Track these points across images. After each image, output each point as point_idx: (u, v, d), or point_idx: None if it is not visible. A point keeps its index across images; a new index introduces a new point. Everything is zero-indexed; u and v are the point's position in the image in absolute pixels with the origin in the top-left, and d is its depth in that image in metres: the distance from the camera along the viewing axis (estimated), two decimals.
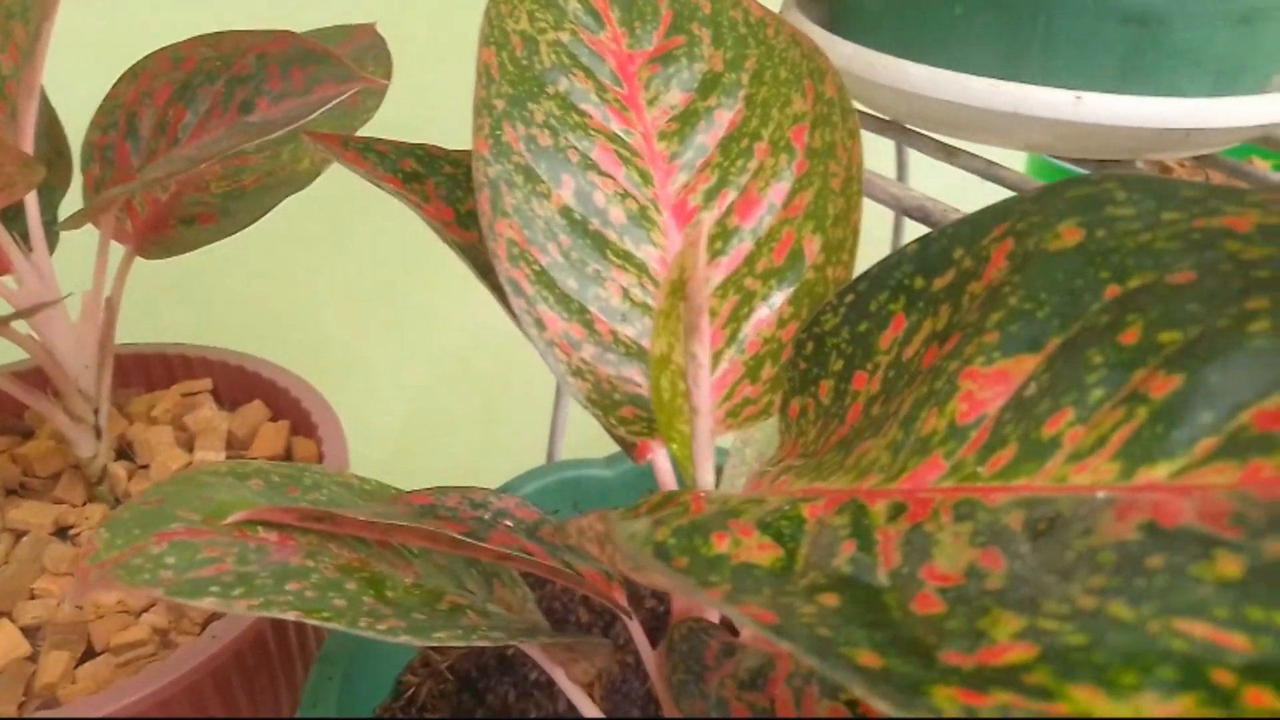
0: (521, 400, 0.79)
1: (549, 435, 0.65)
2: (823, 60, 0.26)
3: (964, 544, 0.13)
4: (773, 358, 0.23)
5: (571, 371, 0.23)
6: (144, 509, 0.21)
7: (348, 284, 0.68)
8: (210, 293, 0.63)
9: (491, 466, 0.80)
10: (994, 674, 0.10)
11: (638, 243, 0.25)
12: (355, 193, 0.59)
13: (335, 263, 0.67)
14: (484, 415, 0.79)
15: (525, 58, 0.25)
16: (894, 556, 0.13)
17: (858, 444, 0.18)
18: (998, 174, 0.36)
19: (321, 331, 0.68)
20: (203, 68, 0.32)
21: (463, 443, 0.79)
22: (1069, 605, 0.10)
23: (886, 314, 0.19)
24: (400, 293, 0.71)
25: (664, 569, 0.13)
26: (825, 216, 0.24)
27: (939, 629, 0.11)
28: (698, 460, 0.23)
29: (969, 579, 0.12)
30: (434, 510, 0.27)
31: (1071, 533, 0.12)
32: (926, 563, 0.13)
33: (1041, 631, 0.10)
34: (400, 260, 0.69)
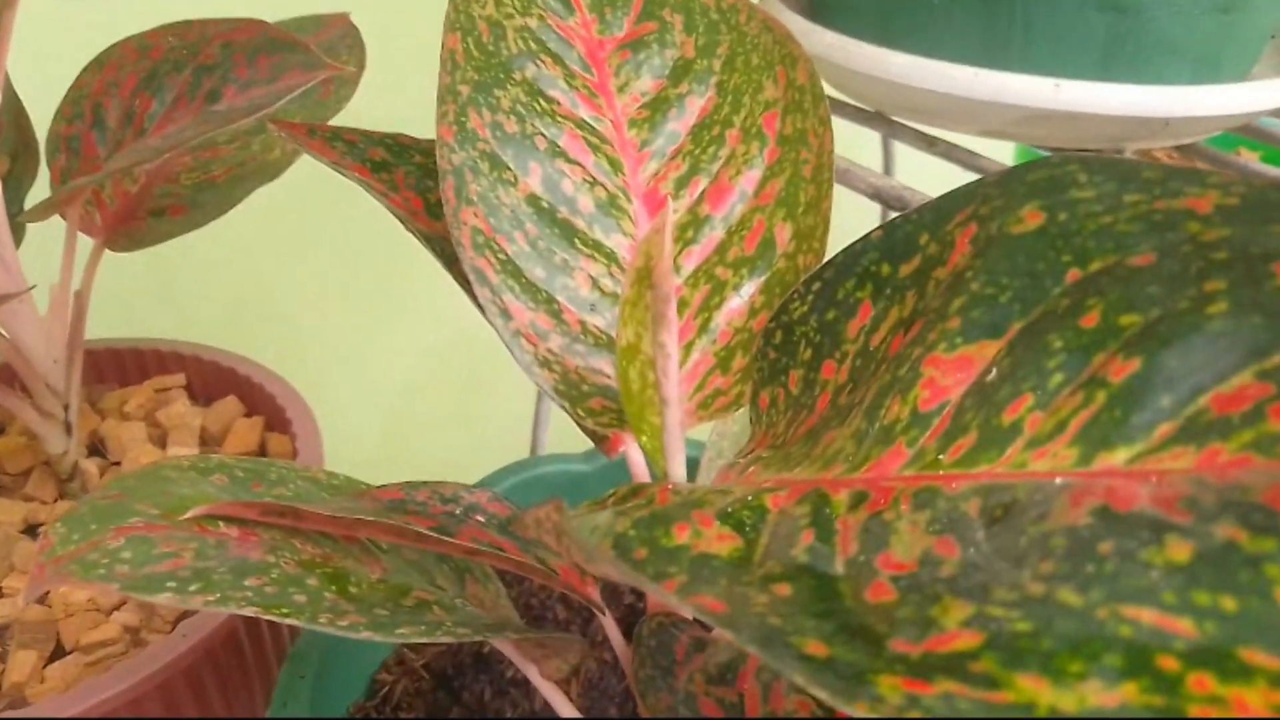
0: (502, 395, 0.79)
1: (531, 430, 0.64)
2: (795, 47, 0.25)
3: (920, 532, 0.13)
4: (744, 348, 0.23)
5: (539, 362, 0.22)
6: (102, 504, 0.21)
7: (325, 278, 0.68)
8: (184, 287, 0.62)
9: (473, 462, 0.80)
10: (940, 662, 0.09)
11: (607, 231, 0.24)
12: (333, 186, 0.58)
13: (313, 257, 0.66)
14: (464, 411, 0.79)
15: (491, 43, 0.25)
16: (851, 545, 0.13)
17: (824, 434, 0.18)
18: (980, 164, 0.36)
19: (299, 327, 0.68)
20: (169, 57, 0.32)
21: (443, 438, 0.78)
22: (1018, 592, 0.10)
23: (854, 302, 0.18)
24: (379, 287, 0.70)
25: (615, 561, 0.13)
26: (796, 204, 0.23)
27: (890, 617, 0.10)
28: (668, 452, 0.22)
29: (923, 567, 0.12)
30: (403, 505, 0.27)
31: (1026, 519, 0.11)
32: (883, 551, 0.12)
33: (989, 618, 0.10)
34: (379, 254, 0.69)
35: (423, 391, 0.76)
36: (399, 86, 0.50)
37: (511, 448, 0.78)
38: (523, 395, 0.78)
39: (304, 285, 0.67)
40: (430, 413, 0.77)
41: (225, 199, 0.36)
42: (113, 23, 0.45)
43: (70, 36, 0.47)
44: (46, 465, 0.41)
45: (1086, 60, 0.35)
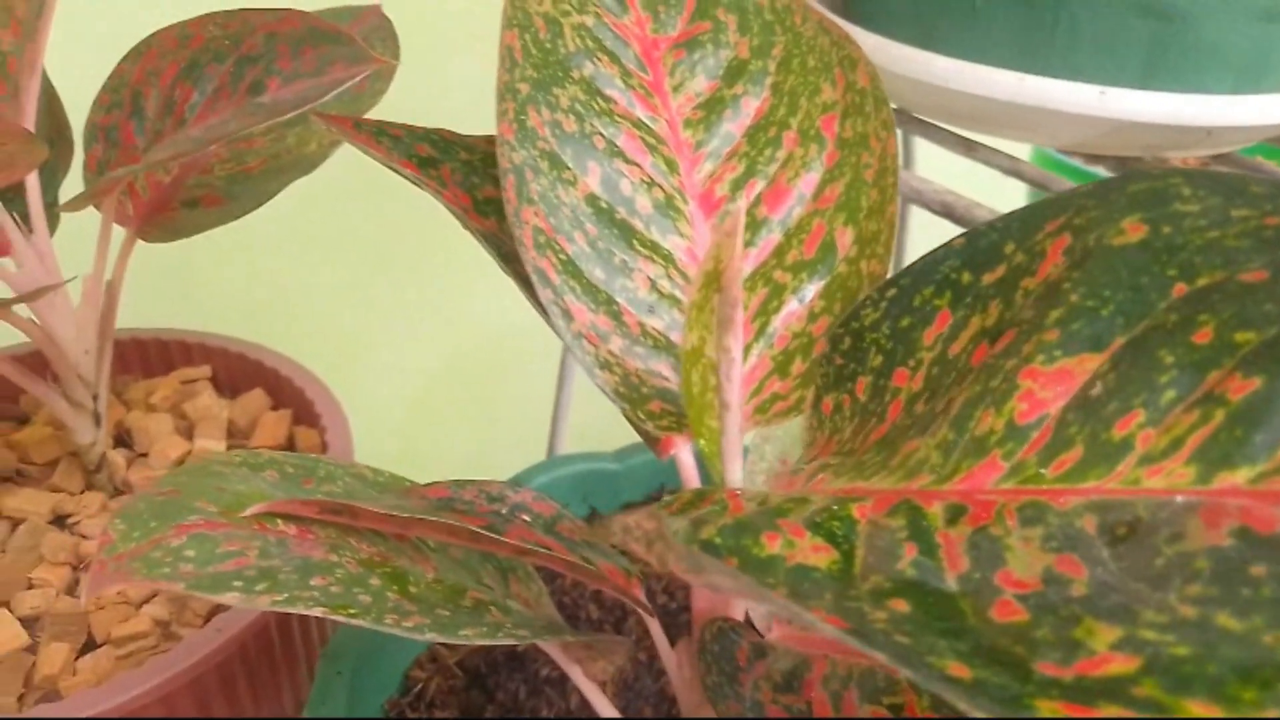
0: (522, 392, 0.78)
1: (550, 427, 0.64)
2: (854, 49, 0.25)
3: (1036, 549, 0.12)
4: (803, 353, 0.23)
5: (599, 364, 0.22)
6: (159, 500, 0.21)
7: (350, 273, 0.67)
8: (209, 279, 0.62)
9: (492, 457, 0.80)
10: (1097, 686, 0.09)
11: (664, 232, 0.24)
12: (359, 179, 0.58)
13: (337, 251, 0.66)
14: (485, 406, 0.79)
15: (549, 41, 0.25)
16: (961, 561, 0.13)
17: (902, 443, 0.17)
18: (1019, 169, 0.36)
19: (322, 320, 0.67)
20: (210, 46, 0.31)
21: (463, 434, 0.78)
22: (1169, 615, 0.10)
23: (931, 309, 0.18)
24: (402, 282, 0.70)
25: (729, 572, 0.13)
26: (858, 209, 0.23)
27: (1026, 638, 0.10)
28: (726, 457, 0.22)
29: (1049, 585, 0.11)
30: (451, 503, 0.26)
31: (1158, 538, 0.11)
32: (1000, 568, 0.12)
33: (1142, 642, 0.09)
34: (403, 249, 0.69)
35: (442, 386, 0.76)
36: (423, 74, 0.50)
37: (530, 443, 0.78)
38: (541, 391, 0.78)
39: (324, 278, 0.67)
40: (449, 407, 0.77)
41: (260, 191, 0.35)
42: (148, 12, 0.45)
43: (104, 25, 0.47)
44: (73, 456, 0.41)
45: (1129, 67, 0.35)
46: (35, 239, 0.34)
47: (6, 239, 0.34)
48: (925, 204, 0.33)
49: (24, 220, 0.34)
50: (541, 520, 0.28)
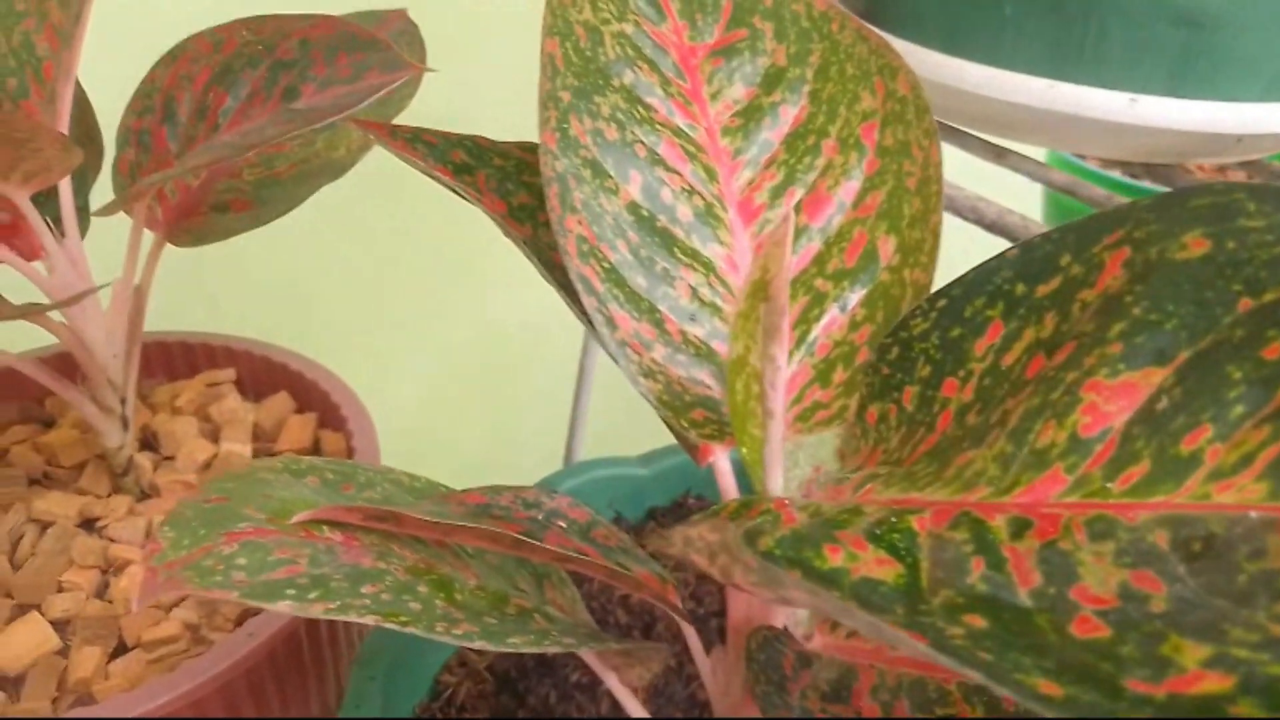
0: (535, 391, 0.79)
1: (568, 430, 0.64)
2: (893, 57, 0.25)
3: (1109, 564, 0.12)
4: (845, 361, 0.23)
5: (643, 372, 0.22)
6: (207, 507, 0.21)
7: (362, 270, 0.67)
8: (221, 279, 0.62)
9: (505, 459, 0.80)
10: (1192, 704, 0.09)
11: (704, 240, 0.24)
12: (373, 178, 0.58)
13: (349, 247, 0.66)
14: (498, 407, 0.79)
15: (589, 49, 0.25)
16: (1032, 575, 0.13)
17: (955, 454, 0.17)
18: (1048, 176, 0.36)
19: (334, 321, 0.67)
20: (243, 51, 0.31)
21: (475, 432, 0.78)
22: (1260, 633, 0.10)
23: (983, 320, 0.18)
24: (415, 281, 0.70)
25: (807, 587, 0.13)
26: (900, 217, 0.23)
27: (1112, 655, 0.10)
28: (768, 465, 0.22)
29: (1127, 601, 0.11)
30: (488, 509, 0.27)
31: (1238, 555, 0.11)
32: (1075, 583, 0.12)
33: (1236, 661, 0.09)
34: (417, 248, 0.69)
35: (454, 385, 0.76)
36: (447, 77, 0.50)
37: (544, 444, 0.78)
38: (553, 390, 0.78)
39: (336, 275, 0.67)
40: (461, 406, 0.77)
41: (290, 196, 0.35)
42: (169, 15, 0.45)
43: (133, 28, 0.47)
44: (100, 459, 0.41)
45: (1158, 75, 0.35)
46: (67, 243, 0.34)
47: (39, 242, 0.34)
48: (956, 210, 0.33)
49: (56, 223, 0.35)
50: (577, 526, 0.28)
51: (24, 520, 0.38)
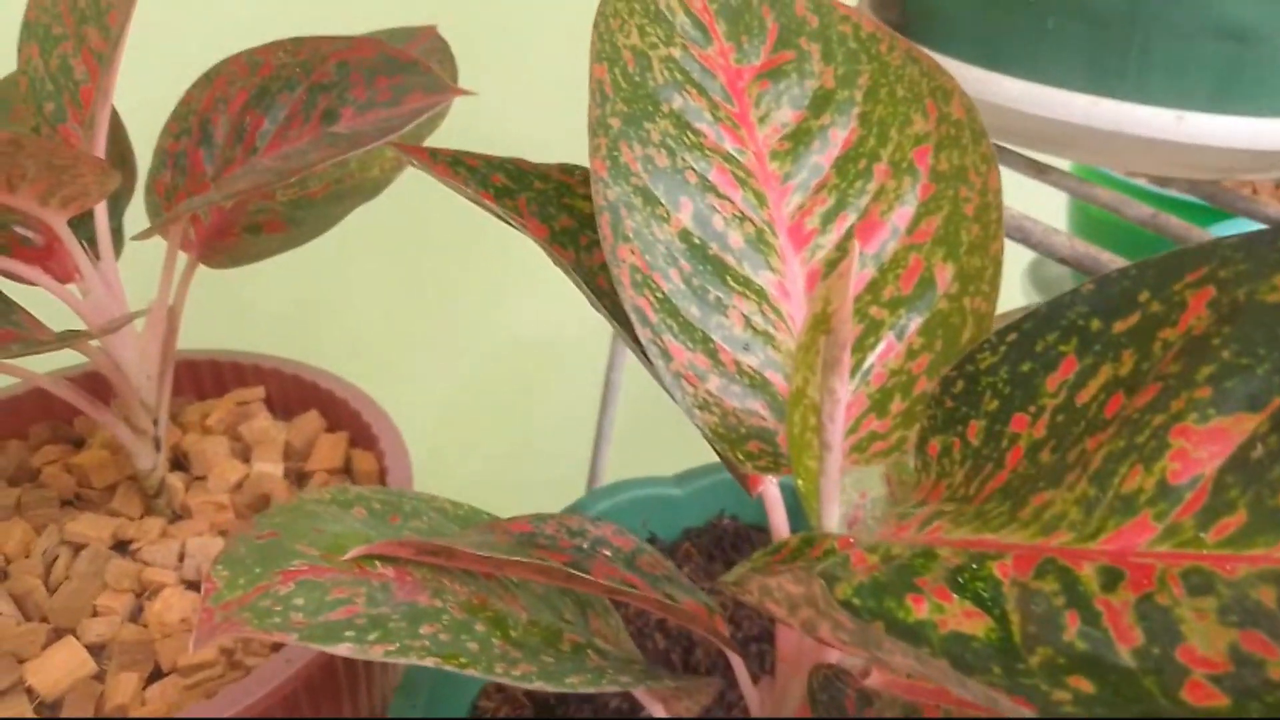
0: (559, 406, 0.78)
1: (593, 445, 0.64)
2: (946, 79, 0.25)
3: (1213, 622, 0.12)
4: (902, 391, 0.23)
5: (698, 404, 0.22)
6: (259, 543, 0.20)
7: (382, 286, 0.67)
8: (241, 294, 0.62)
9: (529, 472, 0.80)
10: None
11: (756, 268, 0.24)
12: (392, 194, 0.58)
13: (370, 264, 0.66)
14: (521, 421, 0.79)
15: (638, 74, 0.25)
16: (1133, 633, 0.12)
17: (1031, 494, 0.17)
18: (1091, 193, 0.35)
19: (355, 332, 0.67)
20: (281, 73, 0.31)
21: (499, 448, 0.78)
22: None
23: (1055, 355, 0.18)
24: (434, 291, 0.70)
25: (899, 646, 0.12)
26: (958, 244, 0.23)
27: None
28: (824, 498, 0.22)
29: (1240, 667, 0.11)
30: (534, 538, 0.26)
31: None
32: (1180, 643, 0.12)
33: None
34: (436, 259, 0.68)
35: (472, 395, 0.76)
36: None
37: (564, 457, 0.78)
38: (571, 401, 0.78)
39: (357, 284, 0.67)
40: (479, 416, 0.77)
41: (324, 216, 0.35)
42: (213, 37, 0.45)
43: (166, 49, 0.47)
44: (132, 480, 0.41)
45: (1201, 90, 0.35)
46: (102, 265, 0.34)
47: (74, 265, 0.34)
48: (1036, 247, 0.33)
49: (90, 245, 0.35)
50: (622, 555, 0.27)
51: (57, 542, 0.38)
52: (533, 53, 0.63)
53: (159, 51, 0.48)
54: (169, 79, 0.41)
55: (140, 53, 0.46)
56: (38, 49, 0.32)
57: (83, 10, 0.32)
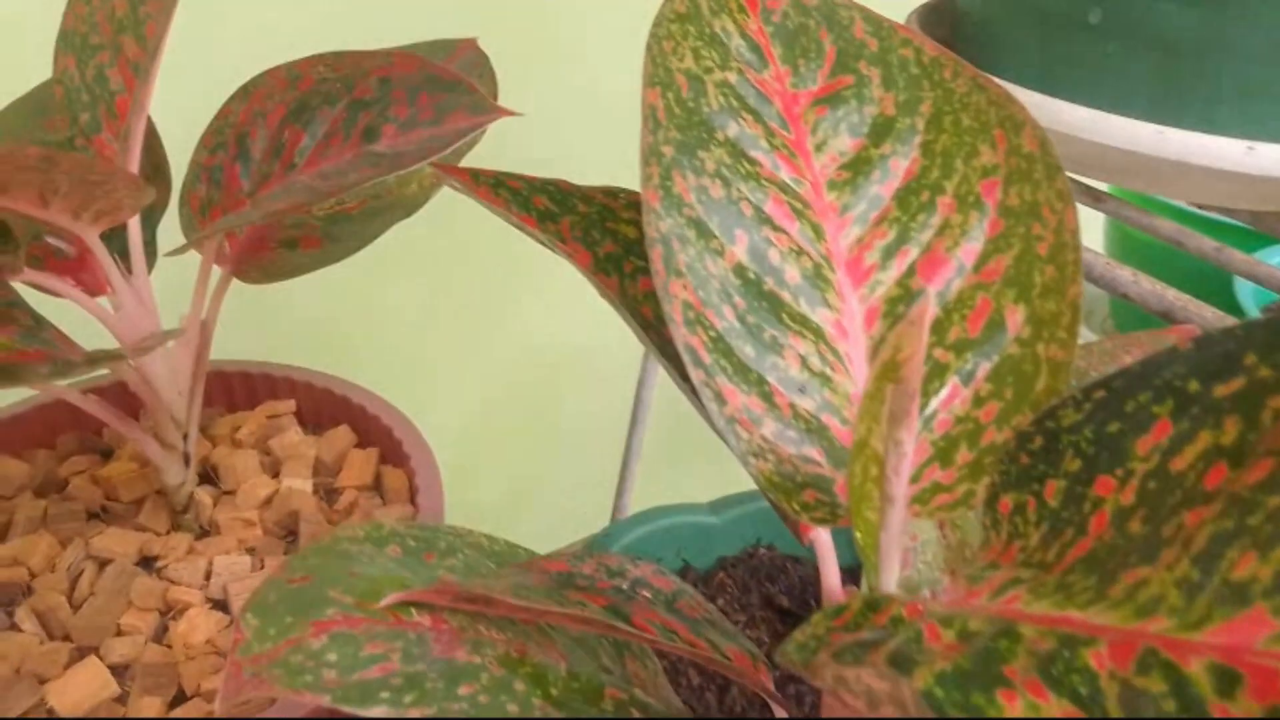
0: (580, 412, 0.77)
1: (621, 463, 0.63)
2: (1016, 109, 0.24)
3: None
4: (968, 440, 0.21)
5: (753, 452, 0.21)
6: (291, 588, 0.19)
7: (409, 288, 0.67)
8: (266, 300, 0.62)
9: (555, 480, 0.79)
10: None
11: (813, 304, 0.23)
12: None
13: (396, 272, 0.65)
14: (547, 429, 0.78)
15: (692, 99, 0.24)
16: None
17: (1121, 569, 0.16)
18: (1152, 224, 0.34)
19: (381, 340, 0.67)
20: (321, 88, 0.30)
21: (525, 457, 0.77)
22: None
23: (1147, 417, 0.17)
24: (462, 301, 0.69)
25: None
26: (1030, 285, 0.22)
27: None
28: (884, 554, 0.21)
29: None
30: (572, 579, 0.25)
31: None
32: None
33: None
34: (464, 268, 0.68)
35: (499, 404, 0.75)
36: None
37: (589, 466, 0.77)
38: (598, 412, 0.77)
39: (383, 292, 0.66)
40: (506, 425, 0.76)
41: (361, 232, 0.34)
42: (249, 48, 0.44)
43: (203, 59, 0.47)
44: (160, 494, 0.40)
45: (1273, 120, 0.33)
46: (134, 279, 0.34)
47: (105, 278, 0.33)
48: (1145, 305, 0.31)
49: (123, 258, 0.34)
50: (663, 597, 0.26)
51: (82, 557, 0.38)
52: (571, 66, 0.63)
53: (196, 61, 0.47)
54: (205, 88, 0.41)
55: (177, 61, 0.45)
56: (74, 59, 0.32)
57: (120, 20, 0.31)
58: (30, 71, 0.39)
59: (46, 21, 0.37)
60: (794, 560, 0.39)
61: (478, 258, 0.68)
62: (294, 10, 0.51)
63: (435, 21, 0.55)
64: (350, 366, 0.48)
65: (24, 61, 0.41)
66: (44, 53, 0.35)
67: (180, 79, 0.44)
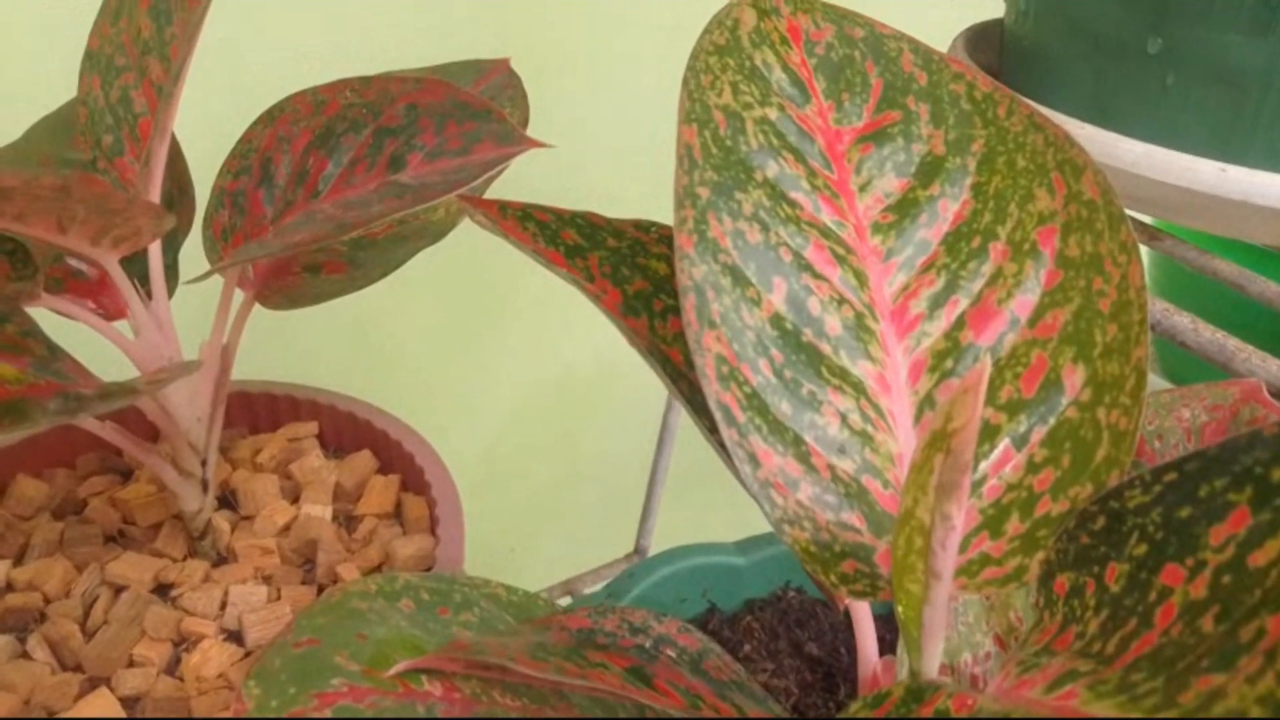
0: (600, 433, 0.76)
1: (646, 489, 0.62)
2: (1077, 152, 0.22)
3: None
4: (1021, 510, 0.20)
5: (788, 518, 0.19)
6: (296, 653, 0.18)
7: (432, 311, 0.66)
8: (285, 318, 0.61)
9: (579, 498, 0.78)
10: None
11: (854, 357, 0.21)
12: None
13: (420, 288, 0.64)
14: (571, 447, 0.77)
15: (730, 138, 0.22)
16: None
17: (1192, 673, 0.14)
18: (1211, 266, 0.32)
19: (403, 357, 0.66)
20: (347, 114, 0.30)
21: (548, 474, 0.76)
22: None
23: (1223, 504, 0.15)
24: (486, 322, 0.68)
25: None
26: (1091, 344, 0.20)
27: None
28: (927, 631, 0.19)
29: None
30: (593, 637, 0.24)
31: None
32: None
33: None
34: (488, 288, 0.67)
35: (519, 426, 0.74)
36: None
37: (611, 486, 0.75)
38: (618, 433, 0.76)
39: (411, 316, 0.65)
40: (525, 447, 0.75)
41: (386, 259, 0.34)
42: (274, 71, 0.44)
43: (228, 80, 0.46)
44: (177, 519, 0.39)
45: None
46: (154, 304, 0.33)
47: (124, 303, 0.33)
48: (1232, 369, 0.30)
49: (143, 283, 0.33)
50: (687, 657, 0.25)
51: (98, 583, 0.37)
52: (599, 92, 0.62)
53: (223, 75, 0.47)
54: (232, 101, 0.40)
55: (204, 74, 0.45)
56: (99, 80, 0.31)
57: (146, 41, 0.30)
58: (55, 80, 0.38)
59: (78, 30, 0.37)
60: (824, 605, 0.38)
61: (499, 278, 0.67)
62: (323, 23, 0.50)
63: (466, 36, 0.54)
64: (367, 387, 0.47)
65: (52, 70, 0.41)
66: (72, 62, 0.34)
67: (207, 92, 0.43)
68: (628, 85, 0.62)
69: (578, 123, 0.61)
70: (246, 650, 0.35)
